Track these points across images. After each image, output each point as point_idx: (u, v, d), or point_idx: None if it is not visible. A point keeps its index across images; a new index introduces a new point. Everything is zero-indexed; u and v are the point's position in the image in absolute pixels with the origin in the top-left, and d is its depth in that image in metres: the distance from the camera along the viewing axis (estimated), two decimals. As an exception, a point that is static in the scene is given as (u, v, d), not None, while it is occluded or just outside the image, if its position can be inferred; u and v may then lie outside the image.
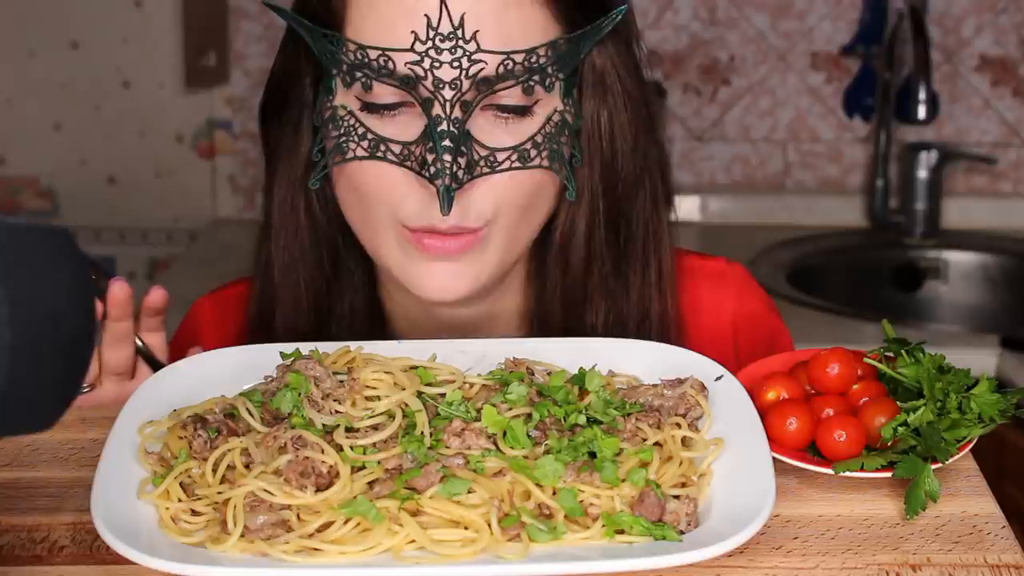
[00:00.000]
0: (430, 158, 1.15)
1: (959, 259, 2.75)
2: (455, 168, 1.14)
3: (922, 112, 2.53)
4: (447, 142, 1.14)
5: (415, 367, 1.08)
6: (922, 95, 2.52)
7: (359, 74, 1.16)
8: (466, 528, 0.94)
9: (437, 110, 1.15)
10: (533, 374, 1.09)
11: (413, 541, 0.94)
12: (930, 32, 2.72)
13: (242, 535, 0.94)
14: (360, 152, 1.18)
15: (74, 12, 2.76)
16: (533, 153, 1.18)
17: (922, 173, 2.75)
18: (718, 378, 1.10)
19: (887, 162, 2.78)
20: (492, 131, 1.17)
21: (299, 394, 1.04)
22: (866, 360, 1.11)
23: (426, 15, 1.14)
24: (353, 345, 1.11)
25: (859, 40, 2.82)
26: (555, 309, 1.28)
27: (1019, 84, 2.82)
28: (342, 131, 1.18)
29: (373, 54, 1.15)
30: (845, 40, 2.82)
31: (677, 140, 2.85)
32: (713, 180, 2.88)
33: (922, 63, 2.55)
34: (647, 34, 2.76)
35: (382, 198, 1.19)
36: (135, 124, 2.81)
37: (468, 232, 1.18)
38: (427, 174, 1.15)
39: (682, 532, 0.96)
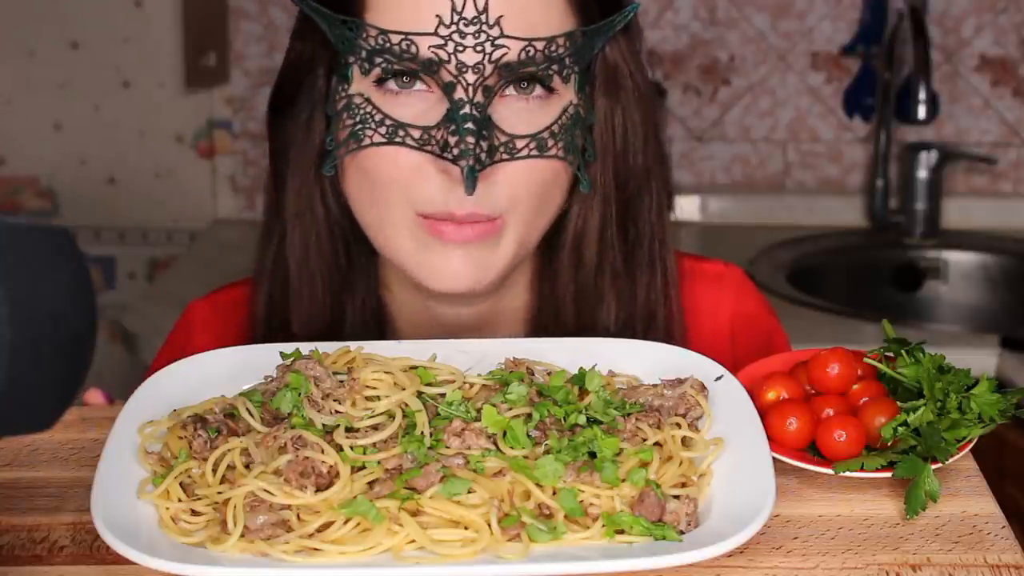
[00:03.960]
0: (452, 140, 1.15)
1: (959, 259, 2.75)
2: (478, 150, 1.15)
3: (922, 112, 2.53)
4: (470, 124, 1.15)
5: (415, 367, 1.08)
6: (922, 95, 2.52)
7: (379, 59, 1.17)
8: (466, 528, 0.94)
9: (459, 94, 1.15)
10: (533, 374, 1.09)
11: (413, 541, 0.94)
12: (930, 32, 2.72)
13: (242, 535, 0.94)
14: (377, 138, 1.18)
15: (74, 12, 2.76)
16: (550, 143, 1.19)
17: (922, 173, 2.75)
18: (718, 378, 1.10)
19: (887, 162, 2.78)
20: (511, 118, 1.18)
21: (299, 394, 1.04)
22: (866, 360, 1.11)
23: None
24: (353, 345, 1.11)
25: (859, 40, 2.82)
26: (567, 308, 1.28)
27: (1019, 84, 2.82)
28: (358, 119, 1.18)
29: (395, 39, 1.16)
30: (845, 40, 2.82)
31: (677, 140, 2.85)
32: (713, 180, 2.88)
33: (922, 63, 2.55)
34: (647, 34, 2.76)
35: (398, 185, 1.18)
36: (135, 124, 2.81)
37: (483, 220, 1.18)
38: (450, 156, 1.15)
39: (682, 532, 0.96)
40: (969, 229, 2.80)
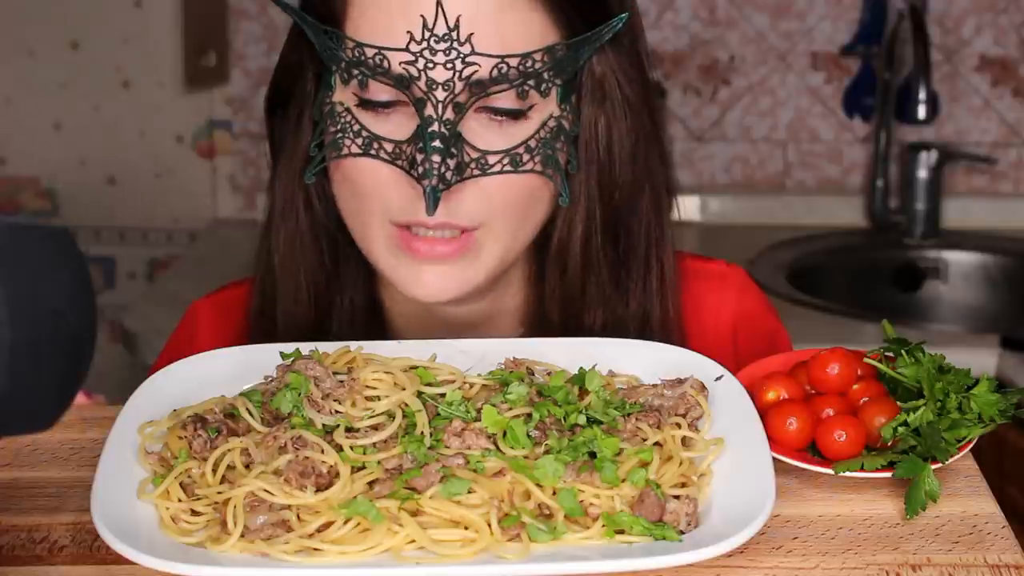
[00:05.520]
0: (419, 158, 1.15)
1: (959, 259, 2.75)
2: (443, 169, 1.15)
3: (922, 112, 2.53)
4: (437, 143, 1.15)
5: (415, 367, 1.08)
6: (922, 95, 2.52)
7: (356, 71, 1.17)
8: (466, 528, 0.94)
9: (429, 110, 1.15)
10: (533, 374, 1.09)
11: (413, 541, 0.94)
12: (930, 32, 2.72)
13: (242, 535, 0.94)
14: (354, 149, 1.18)
15: (74, 12, 2.76)
16: (526, 157, 1.18)
17: (922, 173, 2.75)
18: (718, 378, 1.10)
19: (887, 162, 2.78)
20: (485, 134, 1.17)
21: (299, 394, 1.04)
22: (866, 360, 1.11)
23: (422, 15, 1.14)
24: (353, 345, 1.11)
25: (859, 40, 2.82)
26: (554, 312, 1.27)
27: (1019, 84, 2.82)
28: (339, 127, 1.19)
29: (369, 52, 1.16)
30: (845, 40, 2.82)
31: (677, 140, 2.85)
32: (713, 180, 2.87)
33: (922, 63, 2.55)
34: (647, 34, 2.76)
35: (373, 195, 1.19)
36: (135, 124, 2.81)
37: (458, 231, 1.18)
38: (415, 174, 1.15)
39: (682, 532, 0.96)
40: (969, 229, 2.80)
